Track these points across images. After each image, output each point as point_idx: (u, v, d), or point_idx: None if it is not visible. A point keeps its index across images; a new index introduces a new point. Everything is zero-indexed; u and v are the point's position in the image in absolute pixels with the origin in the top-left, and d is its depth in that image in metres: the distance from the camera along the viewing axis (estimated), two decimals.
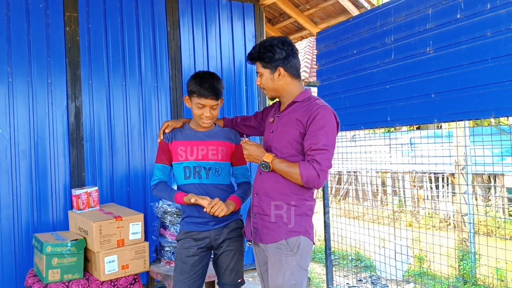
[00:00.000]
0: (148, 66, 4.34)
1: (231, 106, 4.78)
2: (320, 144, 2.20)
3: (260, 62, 2.39)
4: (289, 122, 2.34)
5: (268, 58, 2.35)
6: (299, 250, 2.28)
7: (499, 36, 2.58)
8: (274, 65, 2.35)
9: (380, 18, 3.45)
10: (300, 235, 2.30)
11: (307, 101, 2.36)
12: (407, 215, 8.46)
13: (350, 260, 5.89)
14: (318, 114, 2.25)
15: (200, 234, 2.60)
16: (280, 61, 2.35)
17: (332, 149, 2.25)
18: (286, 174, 2.27)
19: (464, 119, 2.93)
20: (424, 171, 8.62)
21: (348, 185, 10.93)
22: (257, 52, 2.39)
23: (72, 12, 3.99)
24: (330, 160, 2.24)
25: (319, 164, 2.17)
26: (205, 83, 2.50)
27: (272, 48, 2.34)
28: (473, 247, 5.60)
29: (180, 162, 2.61)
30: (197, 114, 2.55)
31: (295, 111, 2.35)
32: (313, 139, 2.22)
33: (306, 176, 2.19)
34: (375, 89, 3.49)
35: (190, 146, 2.61)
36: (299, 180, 2.22)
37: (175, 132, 2.66)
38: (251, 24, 5.00)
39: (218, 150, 2.62)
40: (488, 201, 8.54)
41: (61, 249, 3.14)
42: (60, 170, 3.91)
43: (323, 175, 2.19)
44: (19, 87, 3.77)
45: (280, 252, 2.29)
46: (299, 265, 2.29)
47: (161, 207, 3.52)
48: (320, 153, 2.19)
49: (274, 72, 2.37)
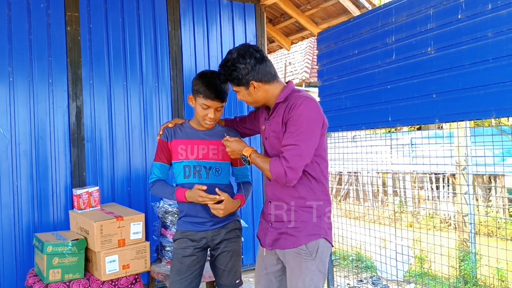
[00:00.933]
0: (149, 66, 4.34)
1: (232, 105, 4.78)
2: (290, 140, 2.14)
3: (232, 83, 2.32)
4: (276, 126, 2.29)
5: (236, 79, 2.26)
6: (317, 254, 2.25)
7: (500, 37, 2.57)
8: (245, 81, 2.26)
9: (381, 18, 3.45)
10: (320, 237, 2.26)
11: (288, 98, 2.26)
12: (407, 216, 8.45)
13: (350, 260, 5.89)
14: (293, 108, 2.17)
15: (197, 234, 2.59)
16: (248, 75, 2.24)
17: (304, 143, 2.13)
18: (261, 168, 2.26)
19: (465, 120, 2.92)
20: (425, 171, 8.61)
21: (348, 186, 10.92)
22: (223, 75, 2.32)
23: (73, 11, 3.99)
24: (303, 155, 2.14)
25: (287, 161, 2.11)
26: (212, 84, 2.45)
27: (234, 66, 2.24)
28: (473, 248, 5.60)
29: (180, 160, 2.59)
30: (201, 114, 2.52)
31: (279, 113, 2.28)
32: (287, 134, 2.18)
33: (274, 173, 2.16)
34: (376, 89, 3.49)
35: (191, 145, 2.60)
36: (270, 176, 2.22)
37: (175, 130, 2.64)
38: (252, 24, 5.01)
39: (219, 149, 2.61)
40: (488, 202, 8.54)
41: (62, 248, 3.14)
42: (61, 169, 3.91)
43: (291, 172, 2.12)
44: (20, 86, 3.77)
45: (300, 257, 2.25)
46: (318, 270, 2.26)
47: (162, 207, 3.52)
48: (290, 149, 2.13)
49: (249, 87, 2.28)
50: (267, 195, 2.45)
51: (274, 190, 2.36)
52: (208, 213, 2.55)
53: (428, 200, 8.82)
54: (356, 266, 5.77)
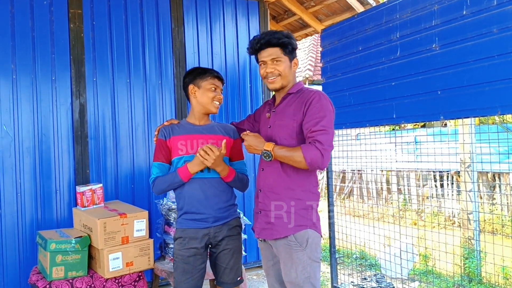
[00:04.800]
0: (152, 63, 4.34)
1: (235, 103, 4.77)
2: (319, 125, 2.20)
3: (284, 49, 2.37)
4: (286, 115, 2.35)
5: (292, 46, 2.38)
6: (308, 244, 2.28)
7: (506, 33, 2.55)
8: (294, 55, 2.41)
9: (385, 14, 3.43)
10: (308, 228, 2.30)
11: (300, 92, 2.39)
12: (412, 214, 8.43)
13: (354, 258, 5.87)
14: (314, 99, 2.27)
15: (199, 231, 2.55)
16: (295, 51, 2.42)
17: (331, 130, 2.24)
18: (289, 159, 2.23)
19: (470, 116, 2.90)
20: (429, 169, 8.58)
21: (352, 184, 10.91)
22: (285, 37, 2.37)
23: (77, 9, 3.99)
24: (331, 141, 2.23)
25: (321, 144, 2.16)
26: (209, 69, 2.63)
27: (292, 38, 2.38)
28: (478, 246, 5.58)
29: (180, 156, 2.56)
30: (211, 97, 2.57)
31: (290, 102, 2.38)
32: (313, 122, 2.22)
33: (310, 157, 2.15)
34: (380, 86, 3.47)
35: (190, 140, 2.58)
36: (302, 163, 2.18)
37: (172, 128, 2.63)
38: (255, 21, 5.00)
39: (218, 144, 2.59)
40: (493, 200, 8.50)
41: (65, 246, 3.13)
42: (65, 167, 3.91)
43: (327, 154, 2.17)
44: (23, 84, 3.77)
45: (290, 247, 2.29)
46: (310, 258, 2.29)
47: (165, 204, 3.51)
48: (321, 134, 2.18)
49: (292, 61, 2.40)
50: (258, 184, 2.48)
51: (267, 180, 2.40)
52: (209, 208, 2.53)
53: (432, 198, 8.79)
54: (360, 264, 5.75)
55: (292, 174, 2.32)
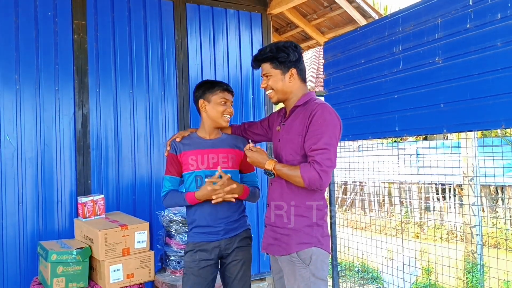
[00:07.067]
0: (155, 75, 4.35)
1: (237, 114, 4.77)
2: (319, 144, 2.16)
3: (271, 63, 2.36)
4: (292, 129, 2.33)
5: (283, 58, 2.33)
6: (312, 261, 2.24)
7: (510, 46, 2.55)
8: (287, 66, 2.34)
9: (388, 27, 3.43)
10: (312, 246, 2.26)
11: (307, 103, 2.33)
12: (414, 226, 8.38)
13: (356, 271, 5.83)
14: (316, 113, 2.22)
15: (210, 244, 2.55)
16: (293, 62, 2.34)
17: (333, 148, 2.18)
18: (289, 177, 2.23)
19: (474, 130, 2.89)
20: (432, 182, 8.55)
21: (353, 195, 10.87)
22: (269, 52, 2.36)
23: (81, 20, 4.01)
24: (332, 159, 2.18)
25: (320, 165, 2.13)
26: (218, 82, 2.64)
27: (286, 49, 2.33)
28: (481, 259, 5.53)
29: (191, 171, 2.58)
30: (221, 110, 2.58)
31: (297, 116, 2.34)
32: (313, 139, 2.19)
33: (308, 178, 2.14)
34: (382, 99, 3.47)
35: (201, 155, 2.59)
36: (301, 183, 2.18)
37: (183, 142, 2.64)
38: (258, 33, 5.01)
39: (229, 157, 2.60)
40: (495, 213, 8.46)
41: (66, 257, 3.12)
42: (66, 177, 3.90)
43: (325, 176, 2.14)
44: (27, 94, 3.78)
45: (293, 264, 2.27)
46: (314, 276, 2.24)
47: (166, 216, 3.50)
48: (320, 153, 2.15)
49: (286, 73, 2.35)
50: (267, 198, 2.48)
51: (273, 195, 2.40)
52: (220, 222, 2.54)
53: (434, 211, 8.74)
54: (362, 277, 5.71)
55: (296, 190, 2.29)
